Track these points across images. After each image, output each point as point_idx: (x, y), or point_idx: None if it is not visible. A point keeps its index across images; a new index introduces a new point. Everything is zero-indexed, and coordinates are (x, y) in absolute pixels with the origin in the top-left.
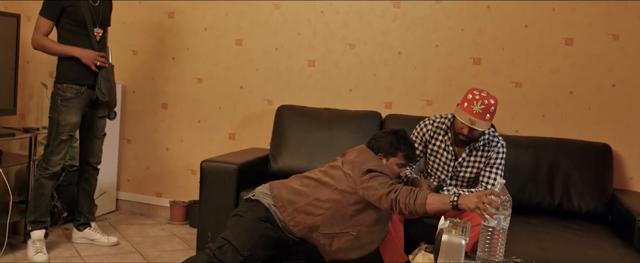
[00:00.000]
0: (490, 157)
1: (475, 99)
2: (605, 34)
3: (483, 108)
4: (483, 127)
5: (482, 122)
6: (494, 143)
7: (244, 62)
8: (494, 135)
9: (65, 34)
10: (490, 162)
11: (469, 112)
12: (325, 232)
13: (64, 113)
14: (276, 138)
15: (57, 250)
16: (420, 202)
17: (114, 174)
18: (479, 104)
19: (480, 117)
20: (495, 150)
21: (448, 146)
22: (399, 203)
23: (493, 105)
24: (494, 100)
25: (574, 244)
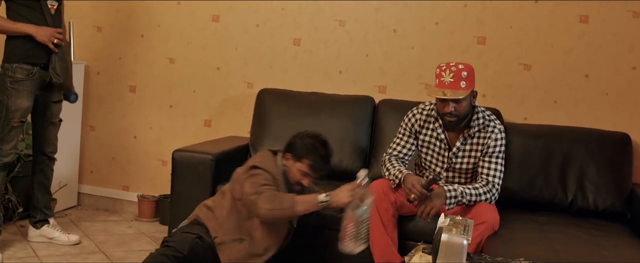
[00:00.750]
0: (487, 145)
1: (442, 70)
2: (624, 11)
3: (453, 75)
4: (459, 94)
5: (456, 91)
6: (490, 128)
7: (222, 40)
8: (490, 119)
9: (16, 7)
10: (489, 151)
11: (440, 86)
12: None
13: (14, 96)
14: (257, 126)
15: (11, 250)
16: (288, 204)
17: (75, 165)
18: (448, 74)
19: (454, 86)
20: (492, 137)
21: (440, 134)
22: (259, 208)
23: (463, 69)
24: (463, 65)
25: (588, 245)
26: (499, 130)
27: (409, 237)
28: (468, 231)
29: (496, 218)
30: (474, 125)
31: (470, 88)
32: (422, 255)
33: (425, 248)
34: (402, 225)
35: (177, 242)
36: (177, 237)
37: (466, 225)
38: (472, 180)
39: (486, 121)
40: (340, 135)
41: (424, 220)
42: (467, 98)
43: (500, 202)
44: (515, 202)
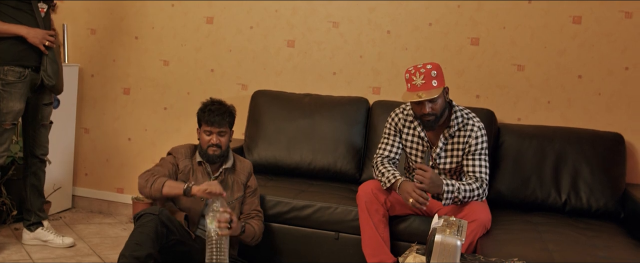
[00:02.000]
0: (469, 143)
1: (412, 74)
2: (617, 11)
3: (423, 77)
4: (433, 93)
5: (429, 91)
6: (469, 126)
7: (216, 42)
8: (468, 117)
9: (5, 10)
10: (471, 150)
11: (413, 89)
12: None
13: (6, 99)
14: (251, 128)
15: (5, 253)
16: (156, 186)
17: (69, 167)
18: (418, 77)
19: (427, 87)
20: (472, 135)
21: (420, 133)
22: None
23: (432, 69)
24: (431, 65)
25: (582, 245)
26: (478, 127)
27: (403, 237)
28: (462, 232)
29: (488, 216)
30: (453, 125)
31: (442, 85)
32: (415, 255)
33: (419, 249)
34: (395, 226)
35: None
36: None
37: (460, 225)
38: (458, 178)
39: (465, 119)
40: (335, 137)
41: (421, 206)
42: (441, 95)
43: (494, 202)
44: (509, 202)
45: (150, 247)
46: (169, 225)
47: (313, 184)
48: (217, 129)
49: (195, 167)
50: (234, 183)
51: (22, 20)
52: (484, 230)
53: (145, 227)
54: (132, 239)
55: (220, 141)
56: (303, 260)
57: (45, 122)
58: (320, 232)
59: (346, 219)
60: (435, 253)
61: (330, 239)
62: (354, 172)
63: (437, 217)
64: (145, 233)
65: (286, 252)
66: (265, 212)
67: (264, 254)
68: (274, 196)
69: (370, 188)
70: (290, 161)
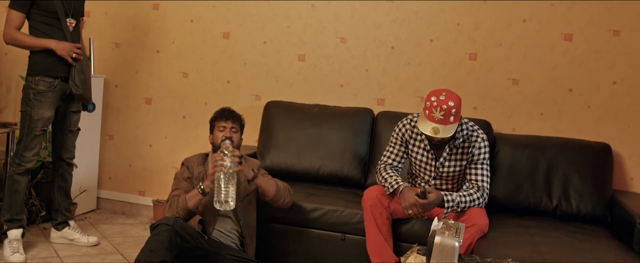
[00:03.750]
0: (472, 153)
1: (433, 106)
2: (606, 30)
3: (443, 113)
4: (448, 132)
5: (446, 127)
6: (474, 138)
7: (231, 56)
8: (473, 129)
9: (37, 25)
10: (474, 159)
11: (430, 120)
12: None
13: (37, 107)
14: (264, 136)
15: (34, 250)
16: (181, 206)
17: (94, 172)
18: (438, 111)
19: (443, 122)
20: (476, 145)
21: (426, 146)
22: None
23: (453, 106)
24: (453, 102)
25: (571, 247)
26: (482, 139)
27: (405, 239)
28: (460, 234)
29: (486, 221)
30: (458, 137)
31: (458, 120)
32: (416, 256)
33: (420, 249)
34: (398, 228)
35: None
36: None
37: (458, 228)
38: (458, 183)
39: (469, 131)
40: (342, 145)
41: (419, 219)
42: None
43: (490, 207)
44: (504, 207)
45: (164, 255)
46: (183, 234)
47: (321, 189)
48: (230, 124)
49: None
50: (246, 179)
51: (52, 35)
52: (481, 234)
53: (160, 235)
54: (147, 247)
55: (232, 136)
56: (311, 259)
57: (73, 128)
58: (328, 233)
59: (352, 221)
60: (435, 254)
61: (337, 240)
62: (360, 177)
63: (437, 220)
64: (160, 241)
65: (296, 252)
66: (277, 214)
67: (275, 254)
68: None
69: (375, 193)
70: (300, 167)
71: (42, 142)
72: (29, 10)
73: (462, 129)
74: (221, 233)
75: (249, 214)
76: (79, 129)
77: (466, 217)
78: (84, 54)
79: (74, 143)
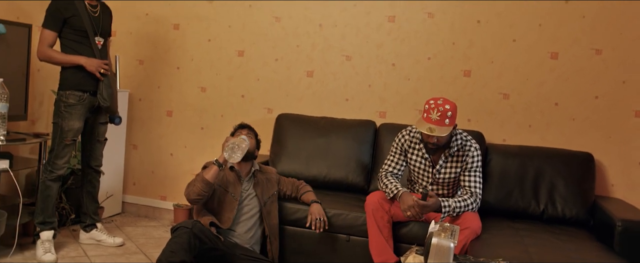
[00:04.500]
0: (466, 161)
1: (431, 108)
2: (589, 49)
3: (440, 114)
4: (443, 132)
5: (441, 128)
6: (467, 147)
7: (246, 72)
8: (467, 139)
9: (68, 43)
10: (468, 167)
11: (427, 121)
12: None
13: (68, 119)
14: (276, 145)
15: (65, 250)
16: (199, 178)
17: (120, 178)
18: (435, 112)
19: (439, 123)
20: (469, 154)
21: (424, 154)
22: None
23: (449, 110)
24: (449, 105)
25: (557, 248)
26: (475, 148)
27: (404, 240)
28: (455, 236)
29: (479, 224)
30: (453, 146)
31: (453, 124)
32: (415, 255)
33: (418, 250)
34: (398, 230)
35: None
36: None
37: (453, 230)
38: (453, 189)
39: (464, 141)
40: (347, 153)
41: (417, 220)
42: (449, 133)
43: (482, 211)
44: (496, 211)
45: (183, 255)
46: (201, 236)
47: (328, 194)
48: (245, 131)
49: (228, 173)
50: (267, 181)
51: (81, 52)
52: (474, 235)
53: (180, 237)
54: (168, 248)
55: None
56: (319, 259)
57: (100, 138)
58: (334, 234)
59: (356, 224)
60: (432, 254)
61: (342, 241)
62: (363, 184)
63: (434, 223)
64: (179, 243)
65: (304, 252)
66: (288, 217)
67: (286, 254)
68: (294, 204)
69: (377, 198)
70: (309, 174)
71: (72, 151)
72: (60, 30)
73: (456, 138)
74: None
75: (272, 215)
76: (106, 139)
77: (461, 220)
78: (110, 70)
79: (102, 152)
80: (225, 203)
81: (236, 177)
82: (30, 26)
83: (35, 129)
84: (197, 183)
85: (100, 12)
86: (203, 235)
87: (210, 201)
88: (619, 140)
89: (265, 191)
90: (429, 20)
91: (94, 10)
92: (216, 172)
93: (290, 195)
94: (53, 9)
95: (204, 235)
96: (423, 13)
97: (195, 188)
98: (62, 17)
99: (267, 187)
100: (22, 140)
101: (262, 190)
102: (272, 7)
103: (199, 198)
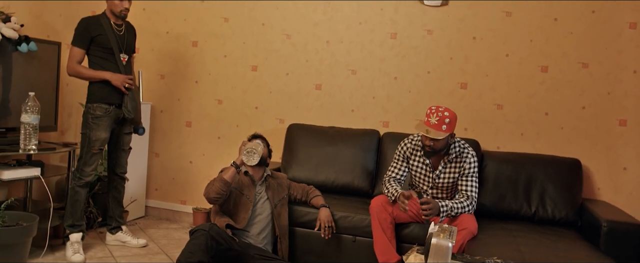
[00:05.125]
0: (463, 167)
1: (431, 112)
2: (576, 63)
3: (438, 119)
4: (438, 135)
5: (437, 131)
6: (465, 154)
7: (259, 85)
8: (464, 147)
9: (95, 59)
10: (465, 172)
11: (426, 124)
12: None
13: (95, 129)
14: (287, 153)
15: (92, 251)
16: (218, 178)
17: (143, 184)
18: (434, 117)
19: (436, 128)
20: (466, 161)
21: (425, 160)
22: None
23: (448, 116)
24: (449, 113)
25: (547, 247)
26: (472, 155)
27: (406, 240)
28: (453, 236)
29: (475, 225)
30: (452, 153)
31: (449, 131)
32: (416, 255)
33: (419, 249)
34: (400, 231)
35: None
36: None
37: (451, 231)
38: (452, 192)
39: (461, 149)
40: (353, 160)
41: (424, 220)
42: (445, 139)
43: (478, 213)
44: (491, 213)
45: (201, 256)
46: (217, 238)
47: (335, 198)
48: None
49: (243, 178)
50: (278, 186)
51: (107, 68)
52: (471, 236)
53: (198, 239)
54: (186, 249)
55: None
56: (327, 258)
57: (125, 147)
58: (341, 235)
59: (361, 225)
60: (432, 253)
61: (349, 241)
62: (368, 188)
63: (433, 225)
64: (197, 244)
65: (314, 252)
66: (299, 219)
67: (296, 253)
68: (305, 207)
69: (380, 202)
70: (318, 179)
71: (99, 159)
72: (88, 47)
73: (455, 146)
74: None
75: (282, 216)
76: (130, 148)
77: (458, 222)
78: (134, 84)
79: (126, 160)
80: (240, 205)
81: (250, 181)
82: (59, 44)
83: (65, 138)
84: (216, 182)
85: (125, 30)
86: (219, 237)
87: (226, 203)
88: (605, 147)
89: (276, 194)
90: (428, 37)
91: (119, 29)
92: (233, 172)
93: (301, 199)
94: (81, 28)
95: (220, 237)
96: (422, 30)
97: (214, 187)
98: (90, 35)
99: (278, 191)
100: (53, 149)
101: (273, 193)
102: (283, 25)
103: (217, 197)
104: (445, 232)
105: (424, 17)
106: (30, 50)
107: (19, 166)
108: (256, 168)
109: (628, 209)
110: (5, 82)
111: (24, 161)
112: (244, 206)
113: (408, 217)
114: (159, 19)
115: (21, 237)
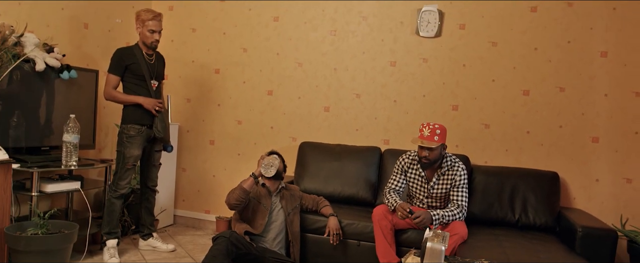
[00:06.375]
0: (454, 179)
1: (424, 127)
2: (554, 87)
3: (430, 131)
4: (431, 144)
5: (430, 142)
6: (455, 168)
7: (274, 108)
8: (455, 161)
9: (129, 85)
10: (456, 184)
11: (421, 137)
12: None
13: (129, 147)
14: (299, 168)
15: (126, 255)
16: (238, 188)
17: (172, 196)
18: (426, 129)
19: (429, 139)
20: (457, 173)
21: (421, 172)
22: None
23: (438, 128)
24: (438, 126)
25: (529, 250)
26: (462, 168)
27: (405, 244)
28: (445, 240)
29: (465, 231)
30: (444, 166)
31: (441, 142)
32: (413, 257)
33: (416, 252)
34: (399, 236)
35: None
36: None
37: (444, 236)
38: (445, 202)
39: (452, 162)
40: (357, 174)
41: (404, 218)
42: (438, 148)
43: (468, 220)
44: (479, 220)
45: (222, 259)
46: (237, 243)
47: (342, 207)
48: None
49: (260, 189)
50: (291, 196)
51: (139, 92)
52: (462, 240)
53: (219, 245)
54: (210, 253)
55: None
56: (335, 261)
57: (156, 163)
58: (347, 240)
59: (365, 231)
60: (427, 256)
61: (354, 246)
62: (371, 198)
63: (428, 230)
64: (219, 249)
65: (323, 255)
66: (310, 226)
67: (307, 256)
68: (316, 215)
69: (382, 210)
70: (326, 191)
71: (132, 174)
72: (123, 74)
73: (446, 160)
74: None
75: (294, 223)
76: (160, 163)
77: (450, 228)
78: (164, 107)
79: (157, 175)
80: (258, 212)
81: (267, 192)
82: (97, 71)
83: (102, 155)
84: (237, 190)
85: (156, 59)
86: (238, 243)
87: (246, 210)
88: (579, 161)
89: (289, 204)
90: (423, 65)
91: (150, 58)
92: (252, 182)
93: (312, 209)
94: (117, 58)
95: (240, 243)
96: (419, 59)
97: (234, 195)
98: (124, 64)
99: (291, 201)
100: (91, 165)
101: (287, 203)
102: (295, 55)
103: (237, 203)
104: (438, 237)
105: (420, 47)
106: (71, 77)
107: (61, 180)
108: (272, 180)
109: (600, 216)
110: (48, 105)
111: (66, 176)
112: (261, 213)
113: (406, 224)
114: (185, 50)
115: (63, 243)
